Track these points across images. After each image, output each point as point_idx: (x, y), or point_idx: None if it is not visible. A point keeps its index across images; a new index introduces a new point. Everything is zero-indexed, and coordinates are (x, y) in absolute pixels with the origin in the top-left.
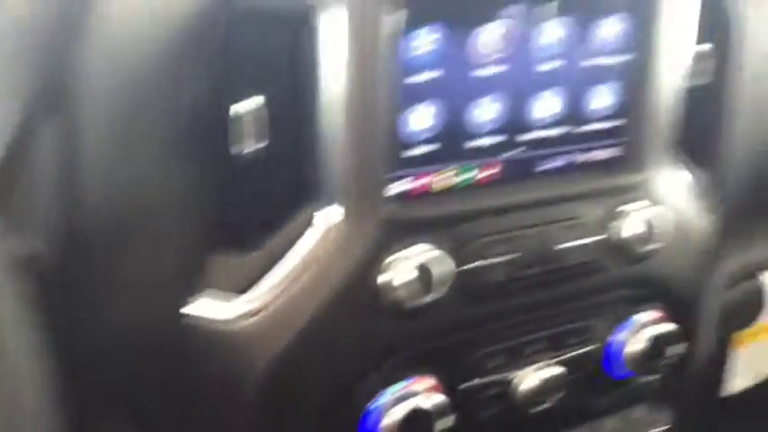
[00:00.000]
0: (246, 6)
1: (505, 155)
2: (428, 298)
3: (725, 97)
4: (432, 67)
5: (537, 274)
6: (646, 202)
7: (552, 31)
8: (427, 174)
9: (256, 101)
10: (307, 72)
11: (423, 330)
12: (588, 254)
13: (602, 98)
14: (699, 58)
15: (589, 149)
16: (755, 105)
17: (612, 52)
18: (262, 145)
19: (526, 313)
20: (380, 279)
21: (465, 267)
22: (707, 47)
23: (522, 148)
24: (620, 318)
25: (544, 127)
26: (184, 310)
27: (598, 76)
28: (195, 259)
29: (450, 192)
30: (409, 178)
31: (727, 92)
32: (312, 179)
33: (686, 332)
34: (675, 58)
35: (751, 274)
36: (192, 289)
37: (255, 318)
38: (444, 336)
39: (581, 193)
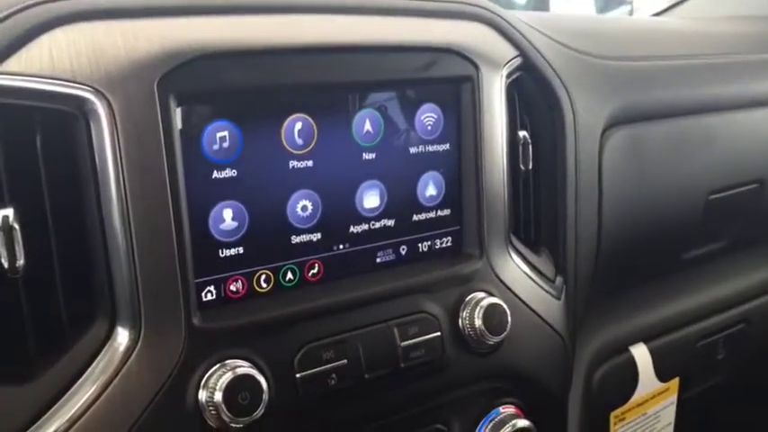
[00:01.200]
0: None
1: (333, 250)
2: (256, 415)
3: (557, 180)
4: (236, 162)
5: (378, 378)
6: (483, 294)
7: (364, 123)
8: (247, 275)
9: (10, 209)
10: (82, 173)
11: None
12: (431, 350)
13: (428, 188)
14: (521, 144)
15: (421, 240)
16: (590, 183)
17: (430, 142)
18: (26, 260)
19: (371, 422)
20: (198, 398)
21: (297, 376)
22: (525, 133)
23: (346, 244)
24: (476, 417)
25: (371, 219)
26: None
27: (420, 165)
28: None
29: (273, 293)
30: (226, 281)
31: (557, 174)
32: (101, 292)
33: (546, 424)
34: (495, 146)
35: (621, 348)
36: None
37: None
38: None
39: (417, 285)
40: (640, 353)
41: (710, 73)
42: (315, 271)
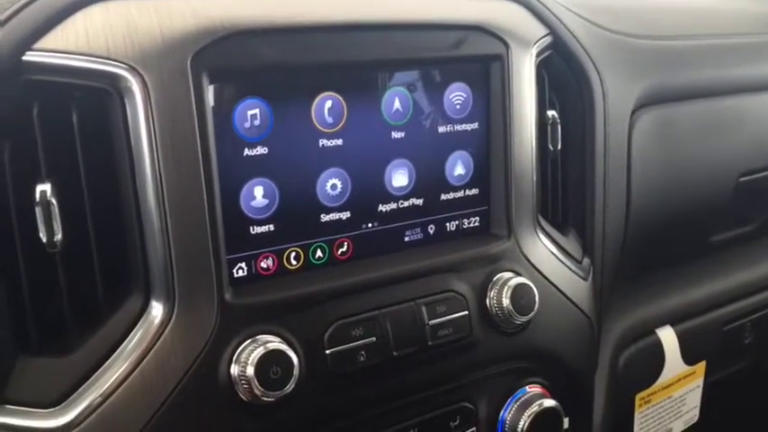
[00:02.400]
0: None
1: (362, 228)
2: (287, 389)
3: (585, 160)
4: (267, 140)
5: (406, 356)
6: (511, 274)
7: (393, 101)
8: (277, 252)
9: (48, 185)
10: (117, 150)
11: (283, 426)
12: (458, 329)
13: (456, 167)
14: (549, 124)
15: (449, 219)
16: (619, 164)
17: (459, 121)
18: (63, 235)
19: (399, 399)
20: (230, 372)
21: (327, 352)
22: (554, 113)
23: (375, 222)
24: (502, 396)
25: (399, 198)
26: None
27: (448, 144)
28: (3, 364)
29: (303, 270)
30: (257, 258)
31: (586, 155)
32: (136, 267)
33: (572, 404)
34: (524, 126)
35: (648, 331)
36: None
37: (78, 430)
38: (307, 430)
39: (445, 265)
40: (667, 335)
41: (742, 53)
42: (344, 249)
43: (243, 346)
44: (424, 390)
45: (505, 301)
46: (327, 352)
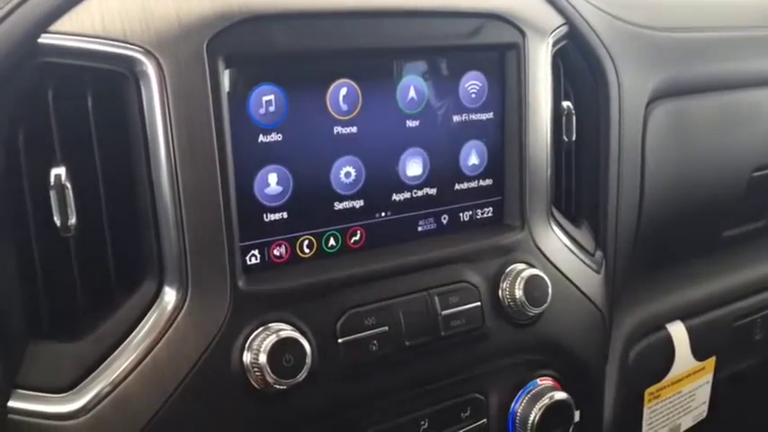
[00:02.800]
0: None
1: (376, 217)
2: (299, 377)
3: (599, 152)
4: (281, 127)
5: (418, 346)
6: (524, 265)
7: (408, 90)
8: (290, 240)
9: (62, 168)
10: (132, 135)
11: (295, 414)
12: (471, 320)
13: (470, 157)
14: (564, 115)
15: (463, 210)
16: (633, 156)
17: (474, 110)
18: (78, 219)
19: (410, 389)
20: (242, 359)
21: (339, 341)
22: (569, 104)
23: (389, 211)
24: (514, 388)
25: (413, 187)
26: (4, 407)
27: (463, 133)
28: (15, 348)
29: (316, 258)
30: (270, 245)
31: (600, 147)
32: (149, 253)
33: (583, 397)
34: (539, 116)
35: (658, 325)
36: (11, 382)
37: (90, 415)
38: (319, 420)
39: (458, 255)
40: (677, 330)
41: (759, 46)
42: (357, 238)
43: (255, 333)
44: (435, 380)
45: (518, 293)
46: (340, 341)
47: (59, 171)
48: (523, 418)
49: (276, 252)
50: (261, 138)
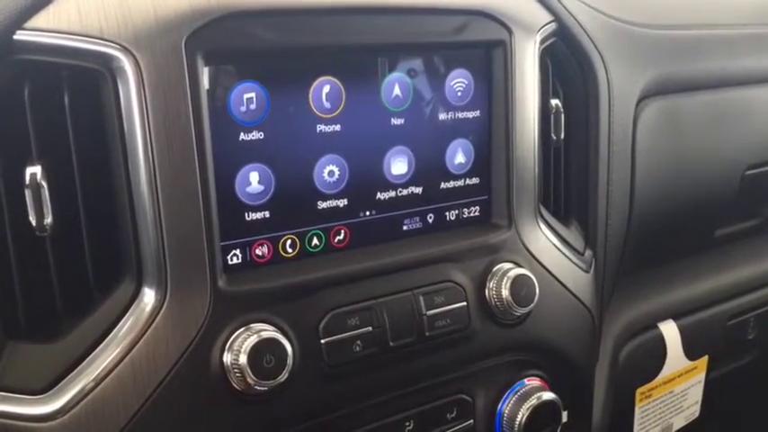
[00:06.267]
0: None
1: (360, 216)
2: (280, 378)
3: (589, 151)
4: (263, 125)
5: (403, 346)
6: (511, 264)
7: (393, 87)
8: (273, 239)
9: (38, 167)
10: (109, 133)
11: (277, 416)
12: (457, 320)
13: (456, 155)
14: (552, 113)
15: (449, 209)
16: (623, 155)
17: (460, 108)
18: (54, 218)
19: (395, 390)
20: (223, 360)
21: (322, 342)
22: (558, 102)
23: (373, 210)
24: (501, 388)
25: (398, 186)
26: None
27: (449, 132)
28: None
29: (299, 258)
30: (252, 245)
31: (589, 145)
32: (127, 252)
33: (571, 397)
34: (527, 115)
35: (650, 324)
36: None
37: (67, 417)
38: (301, 422)
39: (443, 254)
40: (669, 330)
41: (751, 44)
42: (341, 237)
43: (236, 334)
44: (420, 381)
45: (505, 293)
46: (322, 341)
47: (35, 170)
48: (510, 419)
49: (258, 252)
50: (242, 136)
